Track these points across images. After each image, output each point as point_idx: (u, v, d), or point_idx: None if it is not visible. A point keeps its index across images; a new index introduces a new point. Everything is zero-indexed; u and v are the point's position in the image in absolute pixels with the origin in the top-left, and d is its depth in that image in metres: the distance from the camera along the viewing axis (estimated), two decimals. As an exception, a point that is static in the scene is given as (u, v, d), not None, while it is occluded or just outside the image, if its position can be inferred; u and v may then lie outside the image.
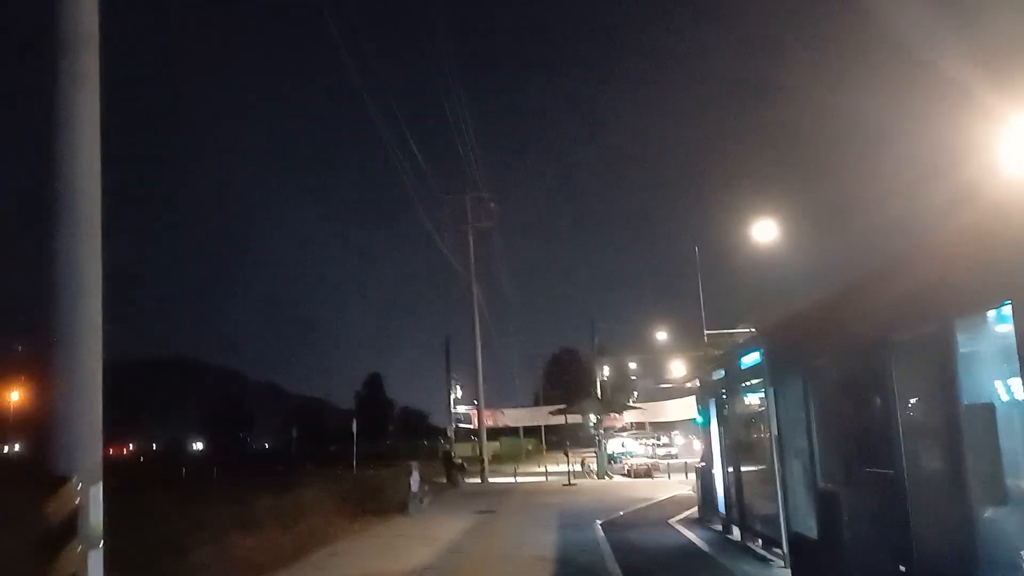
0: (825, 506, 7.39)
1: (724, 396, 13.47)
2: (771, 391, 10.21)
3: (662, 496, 22.92)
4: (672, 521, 16.42)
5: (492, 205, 37.12)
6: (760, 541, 12.14)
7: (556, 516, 18.44)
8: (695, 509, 18.36)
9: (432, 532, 16.06)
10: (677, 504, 20.40)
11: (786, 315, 8.81)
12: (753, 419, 11.96)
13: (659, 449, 45.55)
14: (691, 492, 24.32)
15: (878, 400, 6.29)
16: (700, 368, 17.76)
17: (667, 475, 33.30)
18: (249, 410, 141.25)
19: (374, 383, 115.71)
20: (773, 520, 10.74)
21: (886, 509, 6.11)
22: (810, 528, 8.14)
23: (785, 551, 9.81)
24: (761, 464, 11.65)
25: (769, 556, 11.36)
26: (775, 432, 10.11)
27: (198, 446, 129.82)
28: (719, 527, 14.60)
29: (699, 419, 50.35)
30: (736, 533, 13.28)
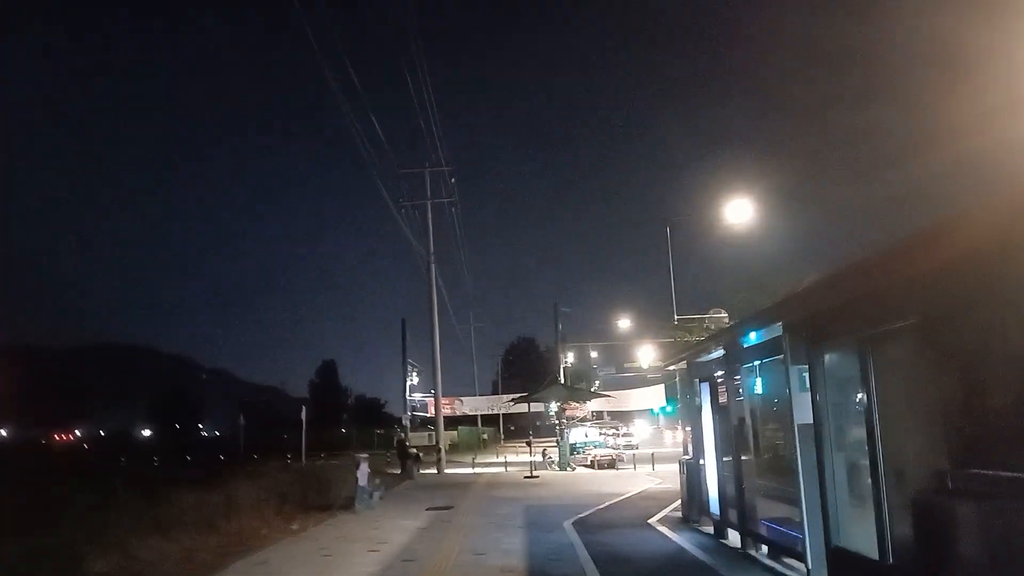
0: (914, 520, 5.51)
1: (721, 379, 11.63)
2: (796, 370, 8.39)
3: (633, 491, 21.15)
4: (653, 521, 14.59)
5: (452, 180, 34.96)
6: (766, 549, 10.38)
7: (521, 513, 16.54)
8: (675, 506, 16.60)
9: (381, 534, 14.01)
10: (652, 500, 18.64)
11: (829, 274, 6.89)
12: (763, 405, 10.16)
13: (619, 439, 43.98)
14: (663, 485, 22.69)
15: (1012, 372, 4.42)
16: (685, 350, 15.96)
17: (633, 466, 31.62)
18: (199, 397, 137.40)
19: (328, 370, 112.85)
20: (790, 527, 8.96)
21: None
22: (866, 545, 6.30)
23: (810, 566, 8.01)
24: (774, 459, 9.86)
25: (781, 568, 9.59)
26: (801, 420, 8.29)
27: (146, 433, 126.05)
28: (710, 529, 12.81)
29: (657, 409, 48.59)
30: (734, 538, 11.50)
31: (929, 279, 5.25)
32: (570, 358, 48.89)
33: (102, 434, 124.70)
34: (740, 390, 10.82)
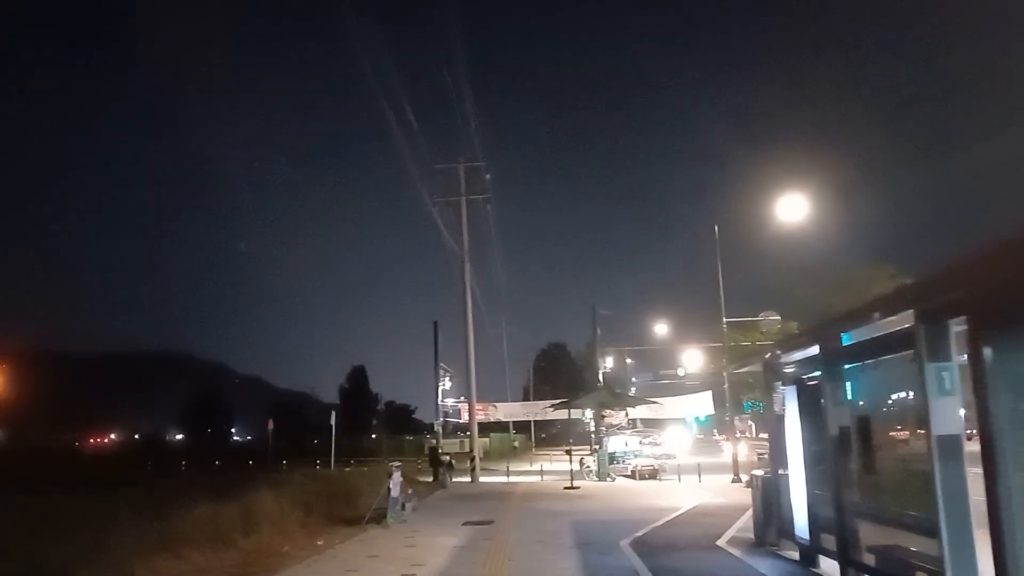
0: None
1: (815, 381, 9.96)
2: (934, 368, 6.76)
3: (686, 505, 19.42)
4: (722, 543, 12.89)
5: (488, 176, 33.49)
6: (873, 583, 8.70)
7: (569, 530, 14.95)
8: (741, 525, 14.94)
9: (416, 553, 12.51)
10: (711, 517, 16.94)
11: (1012, 240, 5.22)
12: (875, 411, 8.52)
13: (655, 448, 41.99)
14: (716, 500, 20.99)
15: None
16: (757, 351, 14.31)
17: (677, 478, 29.83)
18: (231, 403, 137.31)
19: (358, 376, 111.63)
20: (916, 559, 7.34)
21: None
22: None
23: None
24: (892, 476, 8.22)
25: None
26: (941, 431, 6.67)
27: (179, 437, 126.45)
28: (794, 555, 11.14)
29: (692, 418, 46.53)
30: (827, 567, 9.83)
31: None
32: (609, 363, 47.11)
33: (136, 438, 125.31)
34: (841, 394, 9.17)
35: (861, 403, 8.75)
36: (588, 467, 32.40)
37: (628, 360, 57.74)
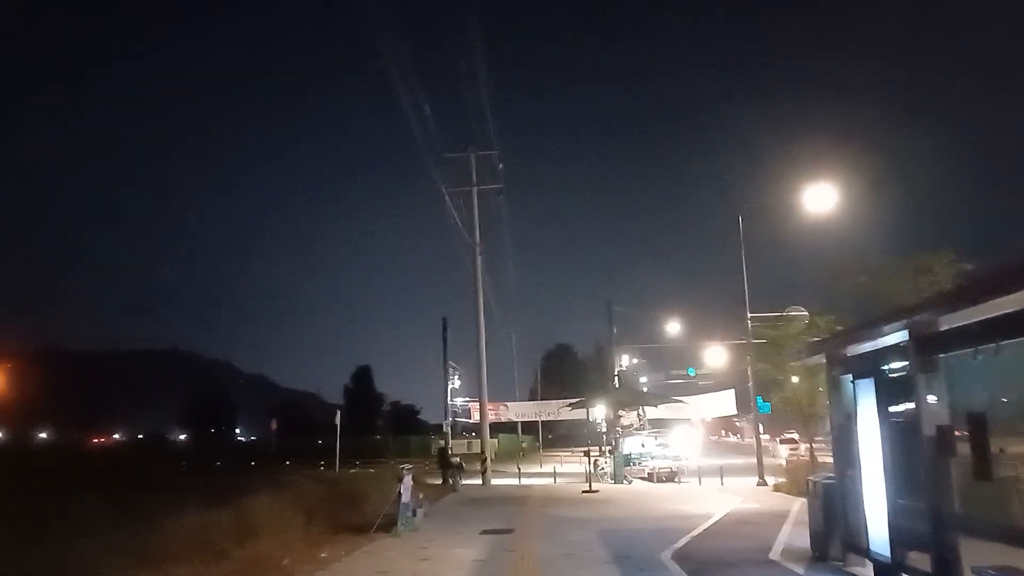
0: None
1: (902, 373, 8.53)
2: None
3: (718, 511, 17.98)
4: (775, 557, 11.45)
5: (500, 166, 32.07)
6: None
7: (598, 540, 13.54)
8: (787, 534, 13.57)
9: (431, 568, 11.10)
10: (750, 524, 15.54)
11: None
12: (990, 407, 7.12)
13: (666, 449, 40.49)
14: (748, 505, 19.62)
15: None
16: (814, 345, 12.95)
17: (698, 480, 28.50)
18: (235, 402, 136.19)
19: (363, 376, 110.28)
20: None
21: None
22: None
23: None
24: (1012, 485, 6.82)
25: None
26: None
27: (182, 437, 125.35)
28: (866, 572, 9.72)
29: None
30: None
31: None
32: (624, 361, 45.59)
33: (140, 438, 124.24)
34: (937, 387, 7.76)
35: (970, 398, 7.34)
36: (602, 469, 31.10)
37: (634, 360, 56.07)
